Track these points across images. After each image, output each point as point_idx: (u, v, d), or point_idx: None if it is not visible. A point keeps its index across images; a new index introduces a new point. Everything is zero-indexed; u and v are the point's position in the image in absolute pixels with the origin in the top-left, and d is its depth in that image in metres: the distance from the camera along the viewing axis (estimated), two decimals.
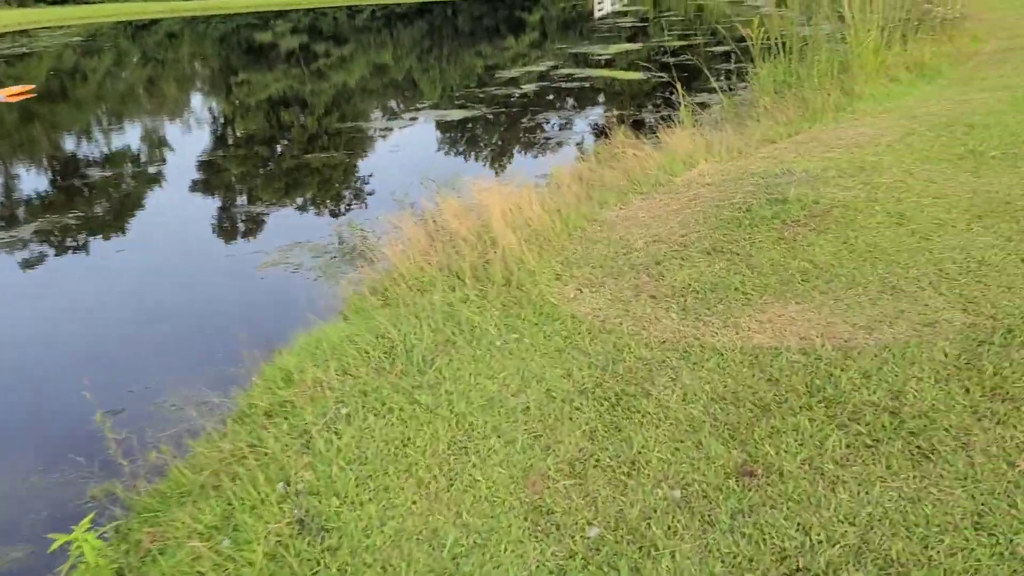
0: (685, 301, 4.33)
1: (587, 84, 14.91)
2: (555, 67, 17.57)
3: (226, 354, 4.73)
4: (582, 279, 4.87)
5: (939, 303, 3.90)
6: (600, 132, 10.49)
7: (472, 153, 10.32)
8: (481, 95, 14.49)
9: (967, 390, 3.16)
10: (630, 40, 23.02)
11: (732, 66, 15.87)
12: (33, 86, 18.77)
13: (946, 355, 3.43)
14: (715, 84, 12.47)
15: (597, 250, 5.30)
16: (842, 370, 3.43)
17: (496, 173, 8.74)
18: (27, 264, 7.56)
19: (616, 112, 12.09)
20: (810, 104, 8.77)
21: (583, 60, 18.42)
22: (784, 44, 10.89)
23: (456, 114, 12.77)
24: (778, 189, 5.78)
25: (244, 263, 6.97)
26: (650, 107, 12.32)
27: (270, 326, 5.19)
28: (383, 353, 4.22)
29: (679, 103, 11.77)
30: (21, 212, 9.39)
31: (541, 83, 15.40)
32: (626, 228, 5.67)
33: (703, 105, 11.81)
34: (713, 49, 18.47)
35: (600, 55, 19.00)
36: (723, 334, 3.92)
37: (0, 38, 36.05)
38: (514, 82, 15.59)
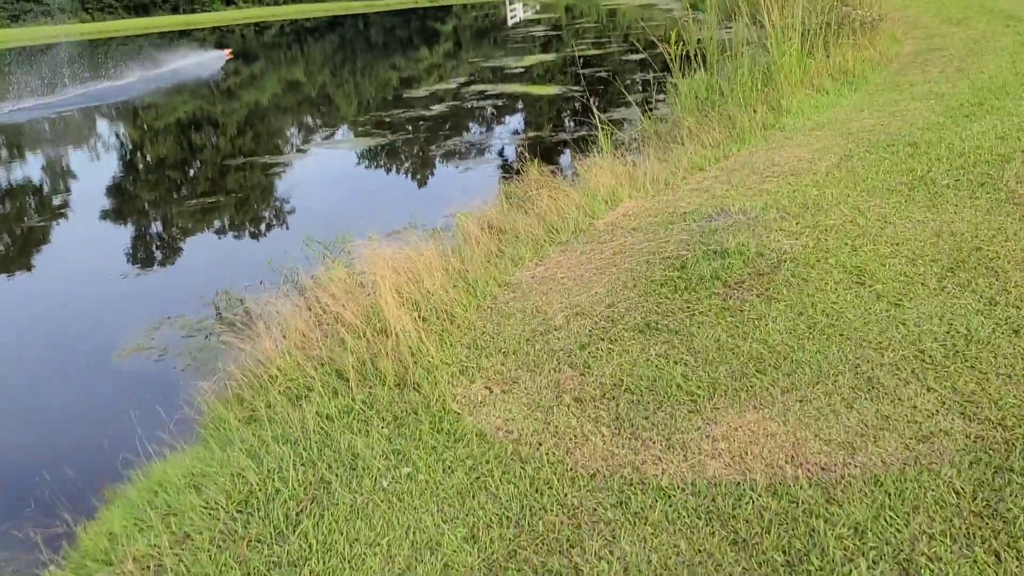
0: (617, 407, 3.44)
1: (501, 102, 14.02)
2: (468, 82, 16.66)
3: (39, 506, 3.66)
4: (492, 373, 3.94)
5: (930, 403, 3.10)
6: (512, 164, 9.61)
7: (373, 194, 9.30)
8: (388, 119, 13.47)
9: (997, 556, 2.35)
10: (544, 49, 22.27)
11: (649, 76, 15.23)
12: None
13: (957, 493, 2.61)
14: (631, 99, 11.74)
15: (510, 328, 4.39)
16: (827, 522, 2.58)
17: (396, 222, 7.76)
18: None
19: (530, 133, 11.22)
20: (736, 122, 8.04)
21: (498, 73, 17.55)
22: (702, 55, 10.22)
23: (362, 143, 11.73)
24: (715, 237, 4.97)
25: (100, 348, 5.84)
26: (566, 126, 11.50)
27: (109, 456, 4.11)
28: (237, 506, 3.22)
29: (600, 126, 11.02)
30: None
31: (453, 102, 14.46)
32: (543, 294, 4.77)
33: (620, 123, 11.04)
34: (628, 58, 17.82)
35: (514, 67, 18.17)
36: (668, 461, 3.04)
37: None
38: (424, 102, 14.62)
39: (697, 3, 26.18)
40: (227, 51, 29.79)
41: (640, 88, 13.39)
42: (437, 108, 13.83)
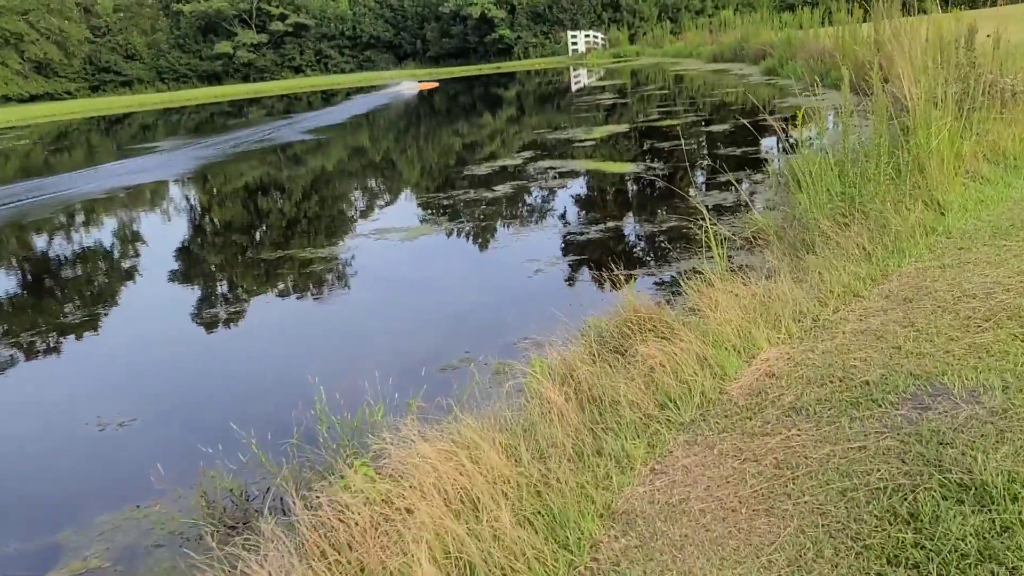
0: None
1: (572, 182, 12.31)
2: (534, 157, 15.04)
3: None
4: None
5: None
6: (593, 268, 7.79)
7: (423, 306, 7.58)
8: (447, 201, 11.86)
9: None
10: (611, 117, 20.68)
11: (738, 151, 13.41)
12: None
13: None
14: (735, 183, 9.95)
15: None
16: None
17: (449, 352, 6.01)
18: None
19: (610, 224, 9.43)
20: (888, 225, 6.12)
21: (566, 146, 15.92)
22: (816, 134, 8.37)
23: (417, 232, 10.11)
24: (948, 450, 3.05)
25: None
26: (653, 214, 9.68)
27: None
28: None
29: (693, 213, 9.20)
30: None
31: (518, 181, 12.82)
32: (675, 548, 2.90)
33: (719, 211, 9.20)
34: (711, 129, 16.04)
35: (583, 139, 16.53)
36: None
37: None
38: (487, 180, 13.00)
39: (776, 68, 24.45)
40: (419, 84, 35.65)
41: (733, 166, 11.57)
42: (501, 188, 12.17)
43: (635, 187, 11.60)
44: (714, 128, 16.16)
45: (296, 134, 24.37)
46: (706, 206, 9.50)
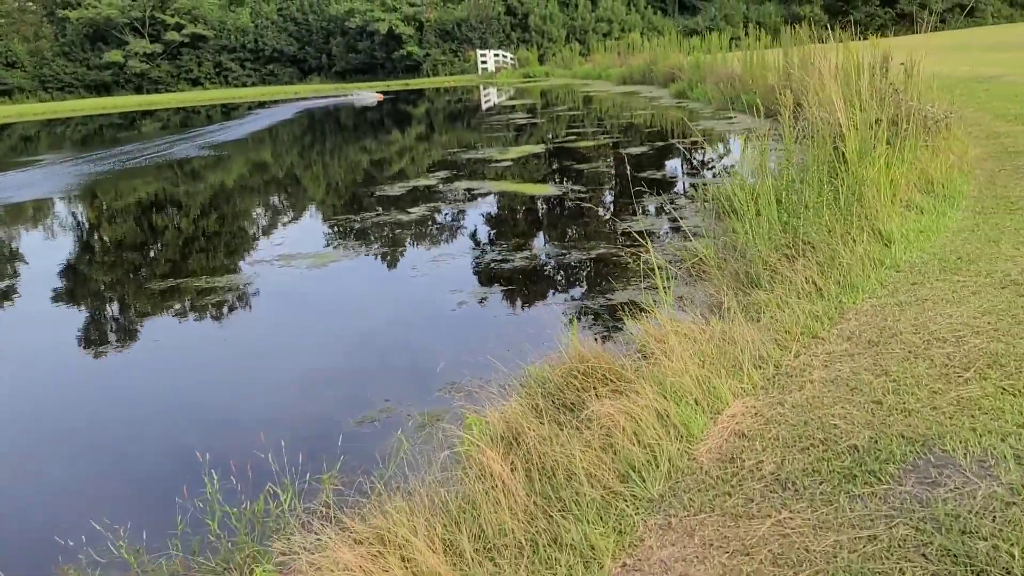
0: None
1: (492, 205, 11.73)
2: (450, 177, 14.42)
3: None
4: None
5: None
6: (526, 299, 7.21)
7: (334, 345, 6.82)
8: (358, 224, 11.10)
9: None
10: (522, 136, 20.30)
11: (657, 174, 13.16)
12: None
13: None
14: (666, 209, 9.60)
15: None
16: None
17: (366, 402, 5.32)
18: None
19: (534, 250, 8.90)
20: (838, 259, 5.77)
21: (482, 166, 15.37)
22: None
23: (326, 258, 9.31)
24: (973, 541, 2.58)
25: None
26: (579, 240, 9.20)
27: None
28: None
29: (620, 238, 8.75)
30: None
31: (434, 203, 12.17)
32: None
33: (649, 237, 8.80)
34: (628, 151, 15.80)
35: (499, 159, 16.02)
36: None
37: None
38: (401, 203, 12.29)
39: (686, 91, 24.64)
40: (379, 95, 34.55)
41: (653, 190, 11.26)
42: (416, 211, 11.48)
43: (557, 210, 11.12)
44: (631, 150, 15.93)
45: (195, 149, 22.98)
46: (633, 232, 9.10)
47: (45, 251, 11.36)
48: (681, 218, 9.72)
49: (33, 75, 57.34)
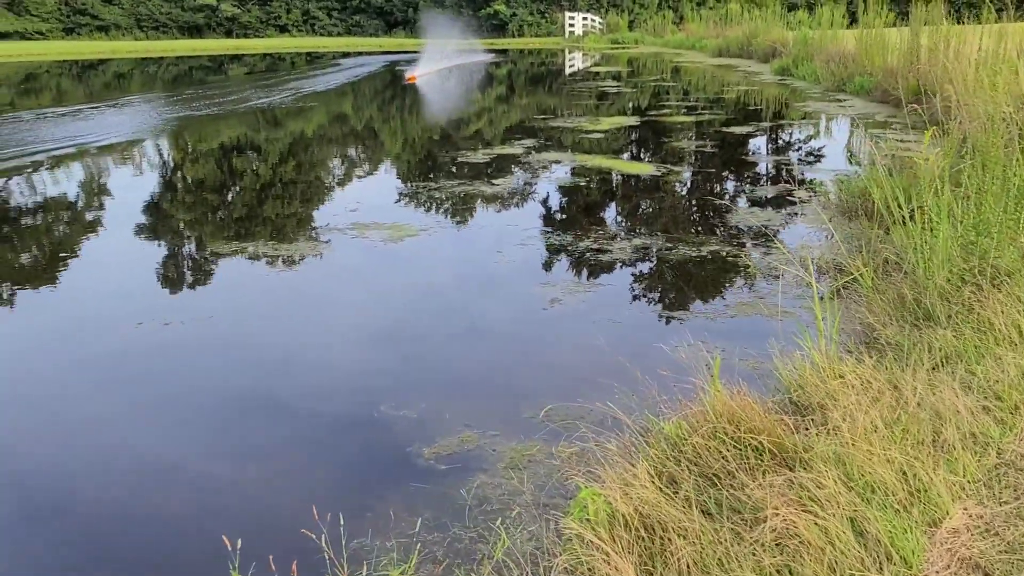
0: None
1: (584, 185, 10.56)
2: (536, 146, 13.27)
3: None
4: None
5: None
6: (638, 323, 6.06)
7: (393, 379, 5.83)
8: (438, 193, 10.09)
9: None
10: (606, 103, 18.96)
11: (772, 160, 11.78)
12: None
13: None
14: (787, 202, 8.34)
15: None
16: None
17: (449, 427, 4.33)
18: None
19: (635, 241, 7.74)
20: None
21: (569, 137, 14.17)
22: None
23: (399, 235, 8.33)
24: None
25: None
26: (689, 235, 8.01)
27: None
28: None
29: (735, 236, 7.51)
30: None
31: (519, 176, 11.07)
32: None
33: (763, 236, 7.60)
34: (732, 131, 14.38)
35: (589, 131, 14.78)
36: None
37: None
38: (483, 172, 11.23)
39: (790, 68, 22.78)
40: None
41: (768, 178, 9.93)
42: (501, 184, 10.40)
43: (657, 194, 9.90)
44: (733, 129, 14.50)
45: (279, 96, 22.27)
46: (746, 227, 7.88)
47: (114, 200, 10.68)
48: (800, 214, 8.44)
49: (130, 12, 57.78)
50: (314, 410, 4.58)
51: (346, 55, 43.67)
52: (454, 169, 11.54)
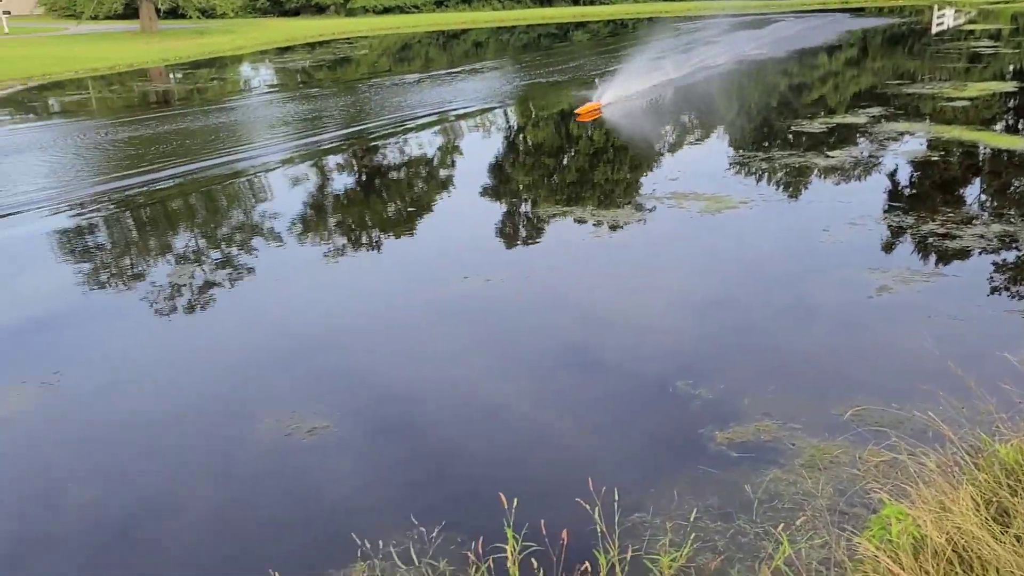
0: None
1: (936, 160, 9.32)
2: (884, 115, 11.96)
3: None
4: None
5: None
6: (997, 335, 5.24)
7: (695, 353, 5.60)
8: (764, 164, 9.58)
9: None
10: (977, 66, 16.34)
11: None
12: None
13: None
14: None
15: None
16: None
17: (740, 462, 4.11)
18: None
19: (999, 226, 6.67)
20: None
21: (927, 104, 12.55)
22: None
23: (716, 207, 8.06)
24: None
25: None
26: None
27: None
28: None
29: None
30: None
31: (860, 148, 10.10)
32: None
33: None
34: None
35: (950, 97, 12.96)
36: None
37: (326, 44, 36.58)
38: (823, 142, 10.41)
39: None
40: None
41: None
42: (836, 156, 9.57)
43: None
44: None
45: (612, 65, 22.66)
46: None
47: (464, 160, 11.71)
48: None
49: None
50: (612, 376, 4.67)
51: (688, 18, 42.98)
52: (788, 138, 10.86)
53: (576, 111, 13.24)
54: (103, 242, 8.02)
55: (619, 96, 15.10)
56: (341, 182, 10.29)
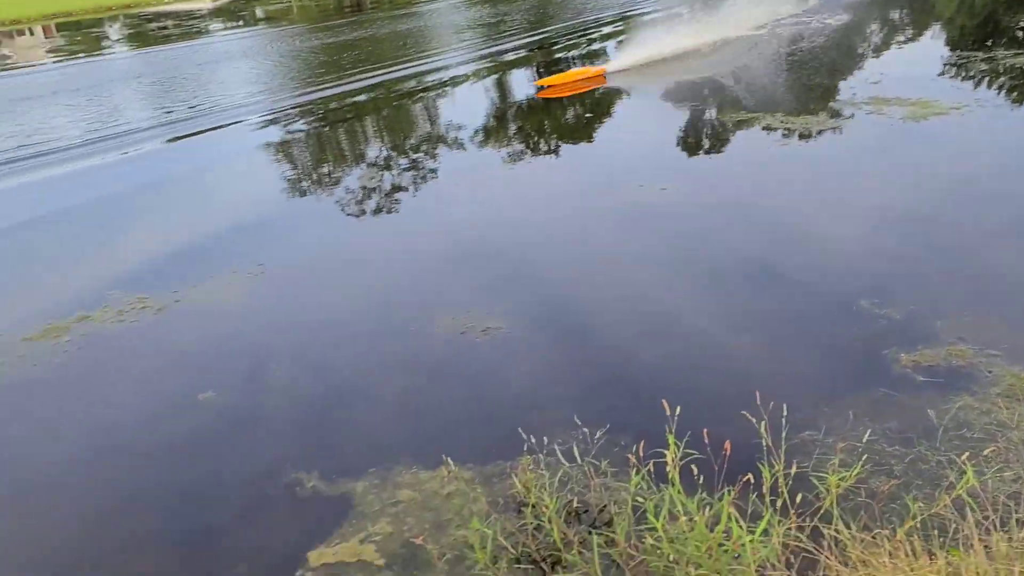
0: None
1: None
2: None
3: None
4: None
5: None
6: None
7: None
8: (984, 65, 8.54)
9: None
10: None
11: None
12: None
13: None
14: None
15: None
16: None
17: (909, 413, 3.80)
18: None
19: None
20: None
21: None
22: None
23: (922, 114, 7.30)
24: None
25: None
26: None
27: None
28: None
29: None
30: None
31: None
32: None
33: None
34: None
35: None
36: None
37: None
38: None
39: None
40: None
41: None
42: None
43: None
44: None
45: None
46: None
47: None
48: None
49: None
50: (794, 291, 4.47)
51: None
52: (1017, 36, 9.54)
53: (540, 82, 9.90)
54: (300, 144, 8.61)
55: None
56: (522, 91, 10.29)
